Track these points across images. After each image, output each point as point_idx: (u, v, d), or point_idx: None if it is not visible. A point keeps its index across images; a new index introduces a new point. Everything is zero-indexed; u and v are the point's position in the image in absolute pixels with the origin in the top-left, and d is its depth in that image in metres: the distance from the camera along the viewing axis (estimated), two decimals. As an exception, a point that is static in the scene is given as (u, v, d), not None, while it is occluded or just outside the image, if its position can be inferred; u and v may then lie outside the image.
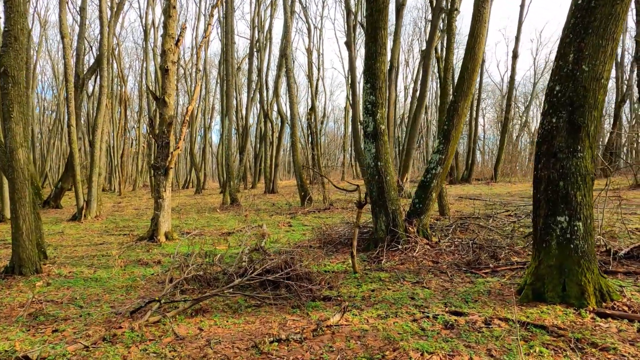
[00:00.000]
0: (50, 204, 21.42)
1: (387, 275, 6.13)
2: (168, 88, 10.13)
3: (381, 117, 7.54)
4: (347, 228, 9.56)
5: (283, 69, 25.08)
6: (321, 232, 9.57)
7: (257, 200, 20.86)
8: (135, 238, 10.88)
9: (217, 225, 12.80)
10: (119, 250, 9.28)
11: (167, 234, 10.30)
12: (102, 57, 15.37)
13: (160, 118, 10.22)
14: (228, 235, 10.86)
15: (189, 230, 11.67)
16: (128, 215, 17.13)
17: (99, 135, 15.43)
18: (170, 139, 10.25)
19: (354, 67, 19.15)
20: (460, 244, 7.59)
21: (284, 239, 9.84)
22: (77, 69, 19.88)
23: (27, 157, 6.99)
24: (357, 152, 18.83)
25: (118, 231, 12.58)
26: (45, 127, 52.45)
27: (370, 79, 7.52)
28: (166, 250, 9.24)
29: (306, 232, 10.76)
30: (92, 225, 14.20)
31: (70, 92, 15.22)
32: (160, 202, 10.22)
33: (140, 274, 7.22)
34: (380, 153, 7.49)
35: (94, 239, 11.22)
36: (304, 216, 14.04)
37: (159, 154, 10.21)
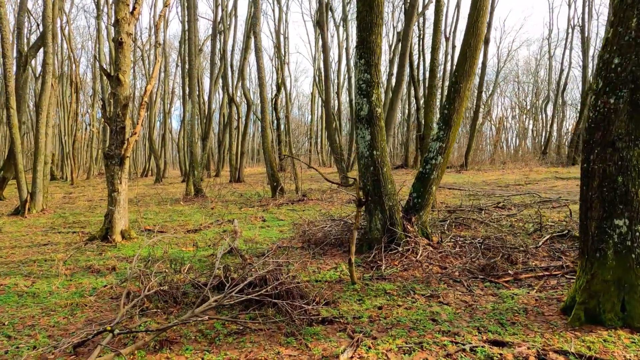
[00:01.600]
0: (-9, 195, 19.33)
1: (393, 287, 5.15)
2: (123, 64, 8.72)
3: (377, 99, 6.50)
4: (332, 225, 8.53)
5: (249, 50, 23.65)
6: (303, 230, 8.52)
7: (223, 190, 19.51)
8: (86, 237, 9.48)
9: (181, 220, 11.51)
10: (65, 254, 7.90)
11: (124, 233, 8.96)
12: (46, 31, 13.56)
13: (114, 99, 8.80)
14: (194, 233, 9.62)
15: (149, 227, 10.34)
16: (79, 208, 15.49)
17: (43, 119, 13.68)
18: (126, 123, 8.86)
19: (327, 49, 17.99)
20: (465, 243, 6.72)
21: (260, 237, 8.71)
22: (19, 44, 17.83)
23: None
24: (330, 139, 17.83)
25: (67, 228, 11.08)
26: (-11, 111, 48.60)
27: (365, 54, 6.45)
28: (123, 252, 7.94)
29: (283, 229, 9.66)
30: (37, 220, 12.57)
31: (8, 70, 13.38)
32: (115, 196, 8.85)
33: (90, 286, 5.95)
34: (376, 140, 6.48)
35: (37, 239, 9.73)
36: (277, 209, 12.92)
37: (113, 140, 8.81)
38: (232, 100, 24.35)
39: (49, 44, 13.56)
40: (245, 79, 23.78)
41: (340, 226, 8.38)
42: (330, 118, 18.48)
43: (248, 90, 24.42)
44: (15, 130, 13.69)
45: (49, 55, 13.65)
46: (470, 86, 7.29)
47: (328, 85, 17.89)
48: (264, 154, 15.67)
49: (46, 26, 13.56)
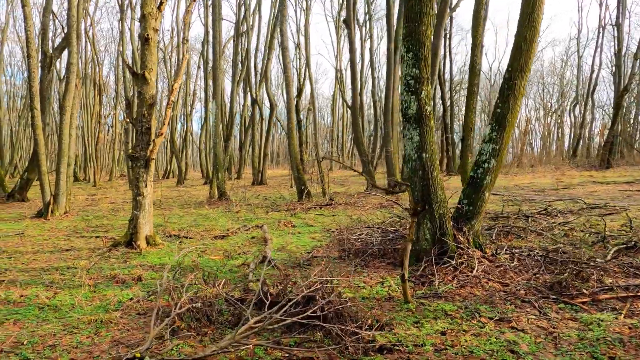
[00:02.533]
0: (15, 196, 19.27)
1: (452, 307, 4.55)
2: (149, 61, 8.31)
3: (427, 96, 5.91)
4: (370, 232, 7.96)
5: (273, 50, 23.24)
6: (337, 238, 7.97)
7: (246, 193, 19.10)
8: (109, 243, 9.09)
9: (207, 225, 11.07)
10: (89, 261, 7.49)
11: (149, 239, 8.53)
12: (70, 30, 13.31)
13: (139, 99, 8.39)
14: (222, 239, 9.15)
15: (174, 232, 9.92)
16: (102, 210, 15.22)
17: (67, 120, 13.43)
18: (152, 123, 8.44)
19: (354, 49, 17.44)
20: (522, 256, 6.07)
21: (292, 245, 8.18)
22: (44, 45, 17.70)
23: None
24: (357, 141, 17.23)
25: (90, 232, 10.73)
26: (14, 114, 49.39)
27: (413, 46, 5.87)
28: (148, 260, 7.50)
29: (315, 235, 9.12)
30: (60, 223, 12.29)
31: (33, 71, 13.18)
32: (139, 200, 8.43)
33: (115, 299, 5.49)
34: (426, 142, 5.88)
35: (60, 243, 9.38)
36: (305, 213, 12.40)
37: (138, 141, 8.40)
38: (255, 102, 23.96)
39: (74, 43, 13.31)
40: (268, 80, 23.37)
41: (379, 234, 7.81)
42: (358, 119, 17.90)
43: (271, 91, 24.00)
44: (39, 131, 13.47)
45: (73, 55, 13.39)
46: (525, 83, 6.65)
47: (355, 85, 17.32)
48: (290, 155, 15.18)
49: (71, 26, 13.32)
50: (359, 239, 7.60)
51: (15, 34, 47.72)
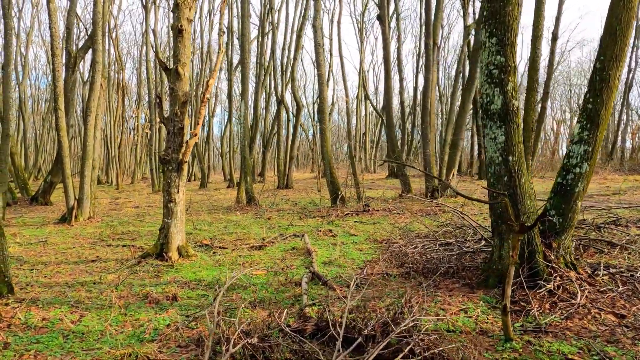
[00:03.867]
0: (39, 200, 18.88)
1: (572, 349, 3.64)
2: (182, 55, 7.58)
3: (513, 89, 5.01)
4: (426, 244, 7.07)
5: (300, 50, 22.48)
6: (393, 252, 7.10)
7: (273, 197, 18.33)
8: (137, 252, 8.38)
9: (240, 233, 10.30)
10: (118, 275, 6.77)
11: (181, 249, 7.79)
12: (96, 28, 12.74)
13: (171, 96, 7.67)
14: (259, 250, 8.35)
15: (206, 242, 9.17)
16: (127, 215, 14.61)
17: (92, 121, 12.85)
18: (185, 123, 7.71)
19: (387, 45, 16.55)
20: (624, 277, 5.11)
21: (340, 257, 7.33)
22: (68, 45, 17.25)
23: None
24: (391, 143, 16.31)
25: (116, 239, 10.07)
26: (39, 117, 49.76)
27: (498, 30, 4.99)
28: (182, 274, 6.74)
29: (362, 247, 8.25)
30: (84, 230, 11.68)
31: (57, 70, 12.63)
32: (171, 207, 7.69)
33: (150, 325, 4.72)
34: (513, 143, 4.98)
35: (85, 253, 8.71)
36: (342, 220, 11.54)
37: (170, 143, 7.67)
38: (282, 102, 23.25)
39: (99, 41, 12.73)
40: (295, 80, 22.63)
41: (438, 247, 6.92)
42: (392, 120, 16.99)
43: (298, 91, 23.24)
44: (63, 133, 12.92)
45: (99, 53, 12.82)
46: (620, 74, 5.70)
47: (389, 84, 16.43)
48: (323, 159, 14.36)
49: (96, 23, 12.74)
50: (418, 253, 6.71)
51: (40, 37, 48.15)
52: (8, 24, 14.24)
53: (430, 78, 14.66)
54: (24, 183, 21.01)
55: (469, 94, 14.49)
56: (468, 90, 14.51)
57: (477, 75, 14.81)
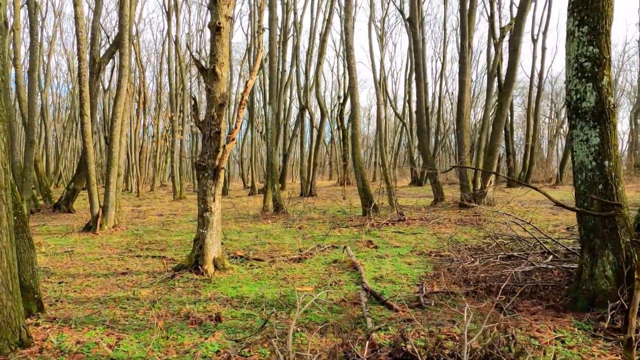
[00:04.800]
0: (62, 207, 18.64)
1: None
2: (220, 54, 7.11)
3: (608, 84, 4.40)
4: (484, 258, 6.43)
5: (324, 55, 22.04)
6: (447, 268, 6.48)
7: (299, 205, 17.80)
8: (169, 264, 7.89)
9: (273, 243, 9.77)
10: (152, 290, 6.26)
11: (217, 262, 7.27)
12: (122, 31, 12.43)
13: (208, 98, 7.20)
14: (298, 263, 7.80)
15: (240, 253, 8.65)
16: (152, 223, 14.20)
17: (118, 127, 12.49)
18: (222, 127, 7.22)
19: (418, 48, 15.99)
20: None
21: (391, 272, 6.73)
22: (93, 51, 17.04)
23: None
24: (422, 149, 15.68)
25: (144, 249, 9.61)
26: (59, 125, 50.23)
27: (590, 17, 4.39)
28: (221, 290, 6.21)
29: (410, 260, 7.64)
30: (110, 239, 11.27)
31: (83, 74, 12.33)
32: (207, 217, 7.19)
33: (199, 353, 4.18)
34: (609, 145, 4.36)
35: (114, 264, 8.25)
36: (379, 230, 10.94)
37: (206, 148, 7.18)
38: (305, 108, 22.78)
39: (126, 44, 12.40)
40: (319, 86, 22.17)
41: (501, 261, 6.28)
42: (424, 125, 16.39)
43: (322, 97, 22.77)
44: (88, 139, 12.59)
45: (125, 57, 12.49)
46: None
47: (421, 88, 15.84)
48: (354, 165, 13.79)
49: (123, 25, 12.43)
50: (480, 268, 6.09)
51: (62, 46, 48.65)
52: (34, 29, 14.05)
53: (465, 81, 14.04)
54: (47, 190, 20.86)
55: (507, 97, 13.82)
56: (505, 94, 13.84)
57: (515, 78, 14.14)
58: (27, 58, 23.77)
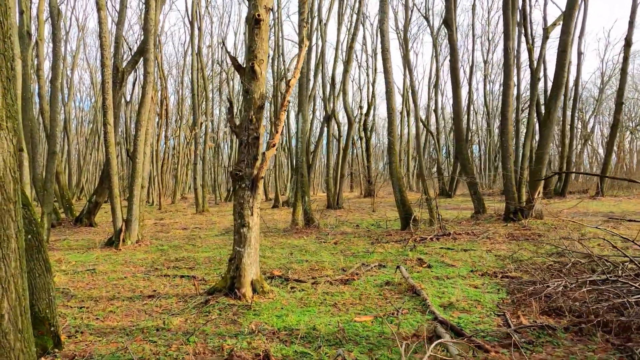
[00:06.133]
0: (83, 221, 18.09)
1: None
2: (259, 50, 6.33)
3: None
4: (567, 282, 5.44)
5: (351, 62, 21.28)
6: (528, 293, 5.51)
7: (329, 219, 16.92)
8: (200, 286, 7.06)
9: (310, 261, 8.89)
10: (184, 318, 5.43)
11: (255, 284, 6.41)
12: (148, 35, 11.84)
13: (245, 99, 6.41)
14: (345, 285, 6.89)
15: (277, 273, 7.78)
16: (176, 238, 13.46)
17: (142, 136, 11.84)
18: (261, 131, 6.42)
19: (455, 51, 15.08)
20: None
21: (461, 299, 5.76)
22: (116, 60, 16.57)
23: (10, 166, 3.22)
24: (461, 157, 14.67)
25: (171, 268, 8.82)
26: (82, 138, 50.55)
27: None
28: (264, 319, 5.34)
29: (474, 282, 6.66)
30: (134, 255, 10.53)
31: (107, 82, 11.74)
32: (244, 233, 6.36)
33: (249, 407, 3.31)
34: None
35: (139, 285, 7.47)
36: (424, 246, 9.98)
37: (244, 155, 6.38)
38: (332, 117, 21.98)
39: (151, 50, 11.80)
40: (347, 94, 21.37)
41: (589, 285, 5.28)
42: (462, 133, 15.41)
43: (350, 106, 21.96)
44: (112, 149, 11.95)
45: (150, 63, 11.88)
46: None
47: (458, 94, 14.89)
48: (391, 175, 12.87)
49: (148, 30, 11.84)
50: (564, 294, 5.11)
51: (85, 60, 49.06)
52: (57, 36, 13.60)
53: (510, 84, 13.07)
54: (69, 203, 20.39)
55: (556, 101, 12.79)
56: (554, 97, 12.81)
57: (564, 81, 13.12)
58: (51, 72, 23.54)
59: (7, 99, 3.09)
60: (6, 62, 3.08)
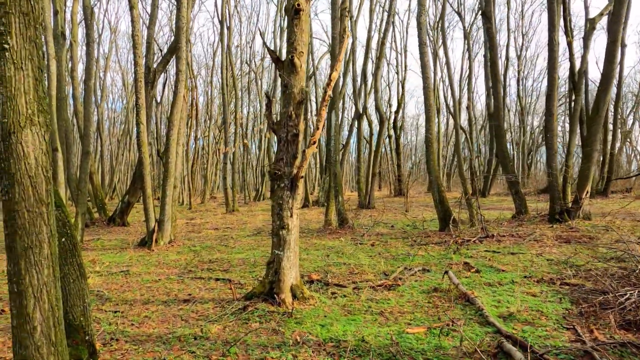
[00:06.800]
0: (116, 220, 18.20)
1: None
2: (298, 42, 5.99)
3: None
4: None
5: (383, 58, 20.76)
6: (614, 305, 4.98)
7: (362, 219, 16.50)
8: (237, 289, 6.77)
9: (348, 264, 8.50)
10: (223, 326, 5.12)
11: (295, 289, 6.07)
12: (179, 32, 11.67)
13: (284, 94, 6.08)
14: (389, 290, 6.48)
15: (316, 277, 7.43)
16: (209, 239, 13.29)
17: (174, 136, 11.69)
18: (300, 128, 6.08)
19: (494, 44, 14.42)
20: None
21: (522, 309, 5.27)
22: (147, 60, 16.56)
23: (44, 163, 2.94)
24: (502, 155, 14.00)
25: (205, 270, 8.59)
26: (114, 139, 51.53)
27: None
28: (307, 328, 4.98)
29: (530, 288, 6.14)
30: (167, 256, 10.37)
31: (139, 80, 11.63)
32: (283, 235, 6.02)
33: None
34: None
35: (173, 288, 7.24)
36: (466, 249, 9.45)
37: (282, 153, 6.04)
38: (364, 115, 21.53)
39: (183, 48, 11.63)
40: (378, 92, 20.87)
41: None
42: (503, 130, 14.76)
43: (381, 103, 21.44)
44: (144, 148, 11.85)
45: (182, 61, 11.71)
46: None
47: (498, 88, 14.24)
48: (429, 174, 12.37)
49: (180, 27, 11.67)
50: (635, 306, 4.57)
51: (117, 63, 49.96)
52: (90, 35, 13.61)
53: (555, 77, 12.37)
54: (102, 203, 20.59)
55: (605, 95, 12.02)
56: (603, 91, 12.04)
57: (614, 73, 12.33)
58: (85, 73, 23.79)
59: (38, 91, 2.82)
60: (37, 50, 2.80)
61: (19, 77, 2.71)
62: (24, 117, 2.74)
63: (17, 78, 2.70)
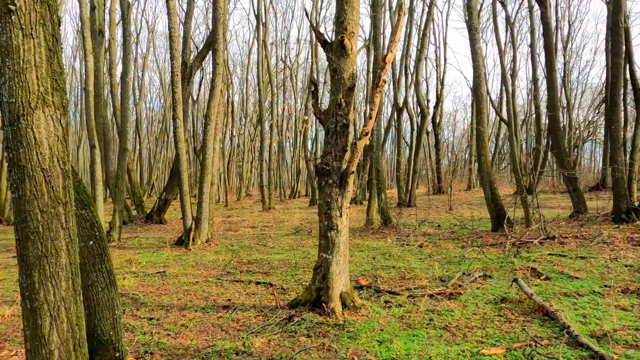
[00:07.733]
0: (154, 218, 18.08)
1: None
2: (349, 21, 5.35)
3: None
4: None
5: (425, 50, 19.85)
6: None
7: (404, 217, 15.73)
8: (279, 293, 6.22)
9: (398, 268, 7.81)
10: (267, 339, 4.57)
11: (345, 297, 5.45)
12: (217, 24, 11.24)
13: (333, 80, 5.46)
14: (450, 300, 5.77)
15: (365, 282, 6.78)
16: (246, 237, 12.86)
17: (212, 131, 11.28)
18: (351, 118, 5.44)
19: (549, 31, 13.35)
20: None
21: (619, 328, 4.47)
22: (184, 55, 16.29)
23: (63, 162, 2.41)
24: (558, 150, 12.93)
25: (244, 272, 8.09)
26: (152, 137, 52.36)
27: None
28: (364, 344, 4.36)
29: (618, 300, 5.31)
30: (204, 256, 9.97)
31: (176, 74, 11.27)
32: (331, 237, 5.41)
33: None
34: None
35: (212, 291, 6.76)
36: (527, 252, 8.58)
37: (331, 146, 5.43)
38: (404, 109, 20.67)
39: (220, 40, 11.20)
40: (419, 84, 19.98)
41: None
42: (558, 123, 13.68)
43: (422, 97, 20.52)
44: (181, 145, 11.50)
45: (219, 54, 11.28)
46: None
47: (553, 77, 13.16)
48: (480, 170, 11.51)
49: (217, 19, 11.24)
50: None
51: (155, 62, 50.72)
52: (127, 30, 13.40)
53: (620, 63, 11.25)
54: (140, 200, 20.57)
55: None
56: None
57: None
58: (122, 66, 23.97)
59: (52, 64, 2.29)
60: (51, 13, 2.28)
61: (28, 47, 2.19)
62: (35, 96, 2.22)
63: (26, 47, 2.18)
